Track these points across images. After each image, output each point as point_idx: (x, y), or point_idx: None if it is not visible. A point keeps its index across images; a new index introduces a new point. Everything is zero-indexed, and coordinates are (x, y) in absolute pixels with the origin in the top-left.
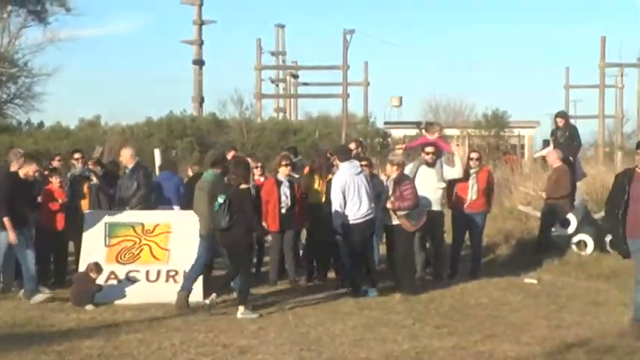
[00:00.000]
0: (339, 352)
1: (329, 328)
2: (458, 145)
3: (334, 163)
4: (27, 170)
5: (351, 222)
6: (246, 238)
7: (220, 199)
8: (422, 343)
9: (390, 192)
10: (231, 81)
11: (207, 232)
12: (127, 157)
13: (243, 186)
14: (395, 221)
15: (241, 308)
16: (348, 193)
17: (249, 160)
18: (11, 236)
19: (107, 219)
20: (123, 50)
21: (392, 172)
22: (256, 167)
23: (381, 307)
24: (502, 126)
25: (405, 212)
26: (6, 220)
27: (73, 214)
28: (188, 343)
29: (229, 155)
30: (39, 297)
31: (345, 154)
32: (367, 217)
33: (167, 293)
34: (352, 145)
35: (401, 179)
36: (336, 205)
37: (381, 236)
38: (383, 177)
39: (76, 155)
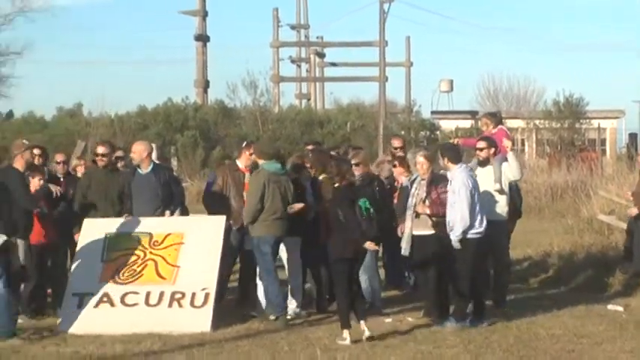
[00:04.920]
0: None
1: None
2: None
3: (445, 164)
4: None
5: (470, 236)
6: None
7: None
8: None
9: (424, 194)
10: (242, 61)
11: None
12: (140, 153)
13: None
14: (425, 231)
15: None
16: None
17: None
18: None
19: (108, 229)
20: (109, 23)
21: (423, 170)
22: None
23: (430, 339)
24: (578, 116)
25: (440, 220)
26: None
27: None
28: None
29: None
30: (14, 342)
31: (458, 154)
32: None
33: (169, 321)
34: (396, 143)
35: (438, 179)
36: (464, 214)
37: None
38: (403, 177)
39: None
